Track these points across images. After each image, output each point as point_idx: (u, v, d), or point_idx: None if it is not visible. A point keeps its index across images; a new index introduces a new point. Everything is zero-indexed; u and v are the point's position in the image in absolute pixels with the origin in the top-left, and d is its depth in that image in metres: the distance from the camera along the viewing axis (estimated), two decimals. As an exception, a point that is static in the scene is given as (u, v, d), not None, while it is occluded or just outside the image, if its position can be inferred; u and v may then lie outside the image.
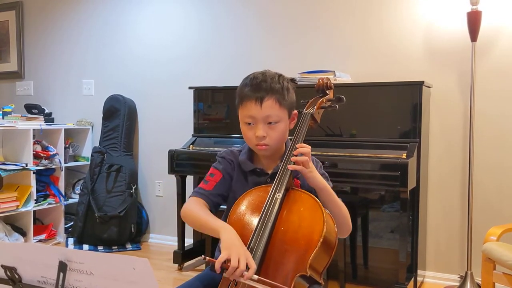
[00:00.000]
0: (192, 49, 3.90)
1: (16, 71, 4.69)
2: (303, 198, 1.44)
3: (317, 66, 3.23)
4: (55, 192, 3.95)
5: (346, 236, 1.60)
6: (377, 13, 3.27)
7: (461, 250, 3.08)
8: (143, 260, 0.87)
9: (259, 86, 1.49)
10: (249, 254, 1.31)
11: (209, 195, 1.56)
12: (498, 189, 2.98)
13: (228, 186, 1.59)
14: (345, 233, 1.56)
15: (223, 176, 1.59)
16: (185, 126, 3.69)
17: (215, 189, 1.57)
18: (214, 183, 1.57)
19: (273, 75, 1.54)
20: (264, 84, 1.49)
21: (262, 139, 1.50)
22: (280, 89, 1.50)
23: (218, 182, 1.58)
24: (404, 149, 2.75)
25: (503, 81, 2.96)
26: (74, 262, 0.92)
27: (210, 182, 1.58)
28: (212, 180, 1.58)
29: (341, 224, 1.50)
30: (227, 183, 1.59)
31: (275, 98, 1.49)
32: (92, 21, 4.32)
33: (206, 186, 1.57)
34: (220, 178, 1.58)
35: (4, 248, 1.00)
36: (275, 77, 1.53)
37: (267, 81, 1.50)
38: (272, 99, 1.48)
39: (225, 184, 1.59)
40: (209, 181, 1.58)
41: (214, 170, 1.61)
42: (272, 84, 1.49)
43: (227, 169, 1.60)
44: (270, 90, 1.49)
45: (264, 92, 1.48)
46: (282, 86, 1.51)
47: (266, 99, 1.48)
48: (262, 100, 1.48)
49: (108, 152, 3.98)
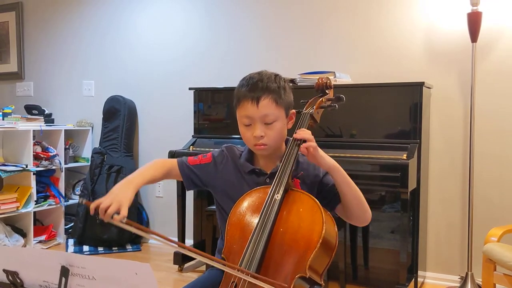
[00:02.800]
0: (192, 50, 3.90)
1: (16, 72, 4.68)
2: (302, 198, 1.44)
3: (317, 67, 3.23)
4: (55, 193, 3.95)
5: (365, 224, 1.57)
6: (377, 14, 3.27)
7: (461, 251, 3.08)
8: (145, 265, 0.87)
9: (255, 85, 1.50)
10: (125, 202, 1.34)
11: (185, 166, 1.60)
12: (498, 190, 2.98)
13: (208, 174, 1.60)
14: (361, 218, 1.54)
15: (210, 162, 1.61)
16: (185, 127, 3.69)
17: (195, 167, 1.60)
18: (198, 162, 1.61)
19: (269, 74, 1.54)
20: (260, 83, 1.50)
21: (260, 138, 1.50)
22: (277, 88, 1.50)
23: (202, 164, 1.61)
24: (404, 150, 2.75)
25: (503, 82, 2.96)
26: (76, 267, 0.92)
27: (197, 159, 1.62)
28: (200, 159, 1.62)
29: (358, 208, 1.51)
30: (208, 170, 1.60)
31: (272, 97, 1.49)
32: (92, 22, 4.32)
33: (191, 160, 1.62)
34: (206, 162, 1.61)
35: (6, 253, 1.00)
36: (272, 76, 1.53)
37: (263, 81, 1.50)
38: (268, 99, 1.49)
39: (207, 170, 1.60)
40: (198, 158, 1.62)
41: (209, 154, 1.64)
42: (268, 84, 1.50)
43: (218, 160, 1.62)
44: (266, 90, 1.49)
45: (260, 91, 1.49)
46: (279, 85, 1.51)
47: (262, 98, 1.48)
48: (258, 99, 1.48)
49: (108, 153, 3.98)
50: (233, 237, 1.44)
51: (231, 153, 1.63)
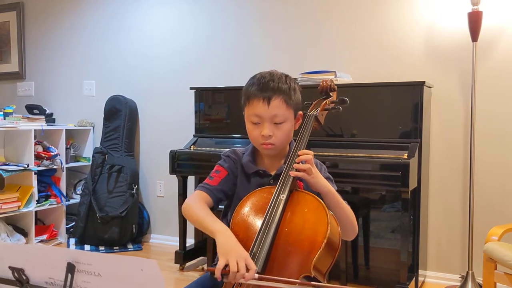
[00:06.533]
0: (193, 49, 3.90)
1: (17, 72, 4.69)
2: (307, 199, 1.45)
3: (318, 66, 3.24)
4: (56, 192, 3.95)
5: (352, 239, 1.60)
6: (378, 14, 3.27)
7: (462, 250, 3.08)
8: (151, 261, 0.88)
9: (267, 85, 1.51)
10: (247, 255, 1.31)
11: (213, 190, 1.56)
12: (499, 189, 2.99)
13: (232, 184, 1.60)
14: (350, 236, 1.57)
15: (228, 173, 1.60)
16: (186, 127, 3.70)
17: (220, 185, 1.58)
18: (219, 179, 1.58)
19: (280, 75, 1.55)
20: (271, 83, 1.51)
21: (268, 138, 1.51)
22: (287, 89, 1.51)
23: (223, 178, 1.59)
24: (405, 149, 2.76)
25: (504, 81, 2.97)
26: (82, 264, 0.93)
27: (215, 178, 1.59)
28: (217, 176, 1.59)
29: (346, 227, 1.51)
30: (231, 181, 1.60)
31: (282, 98, 1.50)
32: (93, 21, 4.32)
33: (211, 182, 1.58)
34: (225, 175, 1.60)
35: (12, 250, 1.01)
36: (282, 77, 1.55)
37: (274, 81, 1.51)
38: (279, 99, 1.50)
39: (229, 182, 1.60)
40: (214, 177, 1.59)
41: (219, 167, 1.62)
42: (279, 84, 1.51)
43: (232, 168, 1.61)
44: (277, 90, 1.50)
45: (272, 91, 1.50)
46: (289, 86, 1.53)
47: (273, 98, 1.49)
48: (269, 99, 1.49)
49: (109, 153, 3.98)
50: (238, 236, 1.44)
51: (237, 156, 1.64)
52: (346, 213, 1.52)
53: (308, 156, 1.47)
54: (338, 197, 1.51)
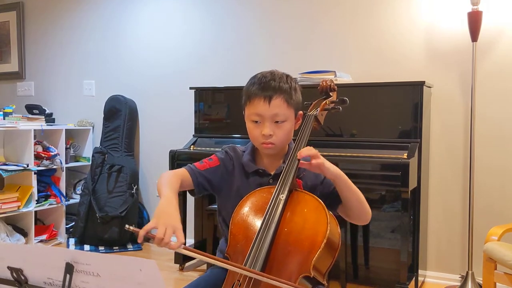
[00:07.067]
0: (192, 50, 3.90)
1: (17, 72, 4.69)
2: (306, 199, 1.45)
3: (318, 66, 3.24)
4: (56, 192, 3.95)
5: (366, 223, 1.59)
6: (378, 13, 3.27)
7: (462, 250, 3.08)
8: (150, 261, 0.88)
9: (268, 84, 1.51)
10: (179, 226, 1.28)
11: (197, 173, 1.56)
12: (499, 189, 2.99)
13: (220, 177, 1.59)
14: (364, 219, 1.56)
15: (219, 165, 1.60)
16: (186, 127, 3.69)
17: (206, 172, 1.57)
18: (207, 166, 1.59)
19: (281, 74, 1.56)
20: (273, 83, 1.51)
21: (268, 137, 1.51)
22: (288, 89, 1.52)
23: (213, 167, 1.59)
24: (405, 149, 2.76)
25: (504, 81, 2.96)
26: (80, 264, 0.92)
27: (205, 164, 1.59)
28: (207, 163, 1.60)
29: (359, 210, 1.52)
30: (220, 173, 1.59)
31: (283, 97, 1.50)
32: (93, 21, 4.32)
33: (199, 166, 1.59)
34: (216, 165, 1.60)
35: (11, 250, 1.01)
36: (283, 76, 1.55)
37: (275, 80, 1.52)
38: (280, 98, 1.50)
39: (218, 173, 1.59)
40: (205, 162, 1.60)
41: (213, 156, 1.63)
42: (280, 84, 1.51)
43: (226, 162, 1.61)
44: (278, 89, 1.50)
45: (273, 91, 1.50)
46: (290, 86, 1.53)
47: (274, 97, 1.49)
48: (270, 98, 1.49)
49: (109, 153, 3.98)
50: (237, 236, 1.45)
51: (236, 153, 1.64)
52: (358, 196, 1.51)
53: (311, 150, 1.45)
54: (348, 180, 1.50)
